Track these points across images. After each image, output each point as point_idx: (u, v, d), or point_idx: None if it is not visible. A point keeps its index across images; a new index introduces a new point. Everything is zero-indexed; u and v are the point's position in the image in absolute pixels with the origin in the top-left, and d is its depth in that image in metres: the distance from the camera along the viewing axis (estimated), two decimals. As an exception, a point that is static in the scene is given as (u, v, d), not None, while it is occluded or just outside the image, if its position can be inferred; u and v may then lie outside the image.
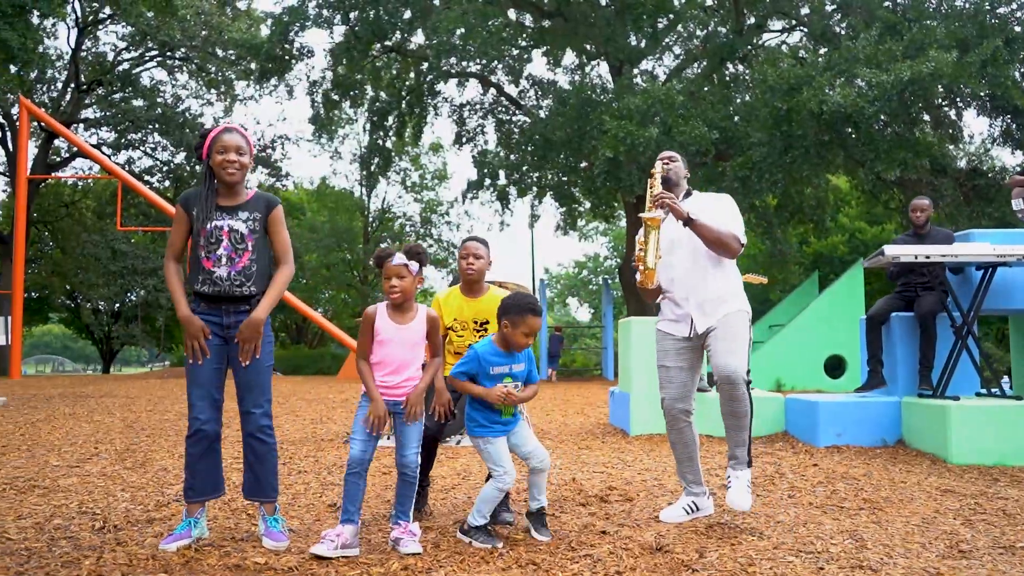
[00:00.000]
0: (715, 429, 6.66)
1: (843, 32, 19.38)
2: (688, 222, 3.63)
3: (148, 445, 6.16)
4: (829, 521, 3.65)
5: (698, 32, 22.37)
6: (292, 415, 8.84)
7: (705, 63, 21.59)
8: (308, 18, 21.80)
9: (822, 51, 18.93)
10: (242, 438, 3.26)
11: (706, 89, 20.81)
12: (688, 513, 3.77)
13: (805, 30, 20.83)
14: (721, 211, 3.73)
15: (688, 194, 3.89)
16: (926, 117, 18.69)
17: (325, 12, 21.95)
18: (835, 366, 14.94)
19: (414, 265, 3.27)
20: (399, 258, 3.24)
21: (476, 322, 3.79)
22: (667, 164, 3.86)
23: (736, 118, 18.26)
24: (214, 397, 3.18)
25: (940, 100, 17.52)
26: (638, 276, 3.68)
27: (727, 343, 3.57)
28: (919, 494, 4.28)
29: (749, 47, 21.02)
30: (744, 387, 3.52)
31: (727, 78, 21.93)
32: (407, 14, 22.02)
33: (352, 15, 22.00)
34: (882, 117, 16.33)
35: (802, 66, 17.01)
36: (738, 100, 20.01)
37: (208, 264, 3.16)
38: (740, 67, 22.09)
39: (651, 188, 3.76)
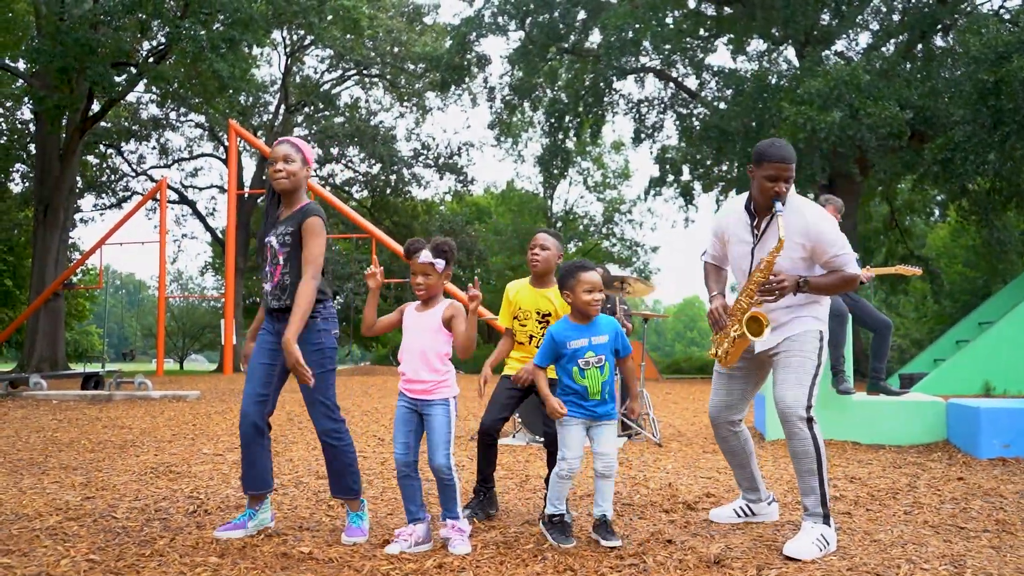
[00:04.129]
0: (857, 435, 6.11)
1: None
2: (801, 289, 3.22)
3: (292, 437, 6.60)
4: (937, 543, 3.20)
5: (896, 5, 20.55)
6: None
7: (904, 37, 19.79)
8: (485, 26, 22.44)
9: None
10: None
11: (908, 67, 19.05)
12: (739, 516, 3.55)
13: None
14: (824, 240, 3.24)
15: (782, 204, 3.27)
16: None
17: (500, 19, 22.50)
18: (1059, 368, 13.11)
19: (439, 263, 3.24)
20: (425, 256, 3.22)
21: (539, 312, 3.76)
22: (779, 206, 3.19)
23: (947, 96, 16.52)
24: (259, 392, 3.30)
25: None
26: (714, 351, 3.47)
27: (786, 372, 3.24)
28: (1075, 518, 3.65)
29: (955, 16, 19.00)
30: (803, 424, 3.16)
31: (935, 51, 19.91)
32: (581, 14, 22.06)
33: (527, 20, 22.38)
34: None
35: (1012, 30, 15.11)
36: (944, 75, 18.14)
37: (265, 284, 3.36)
38: (948, 39, 20.01)
39: (756, 272, 3.28)
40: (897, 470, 4.96)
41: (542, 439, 6.12)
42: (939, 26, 18.90)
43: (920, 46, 19.76)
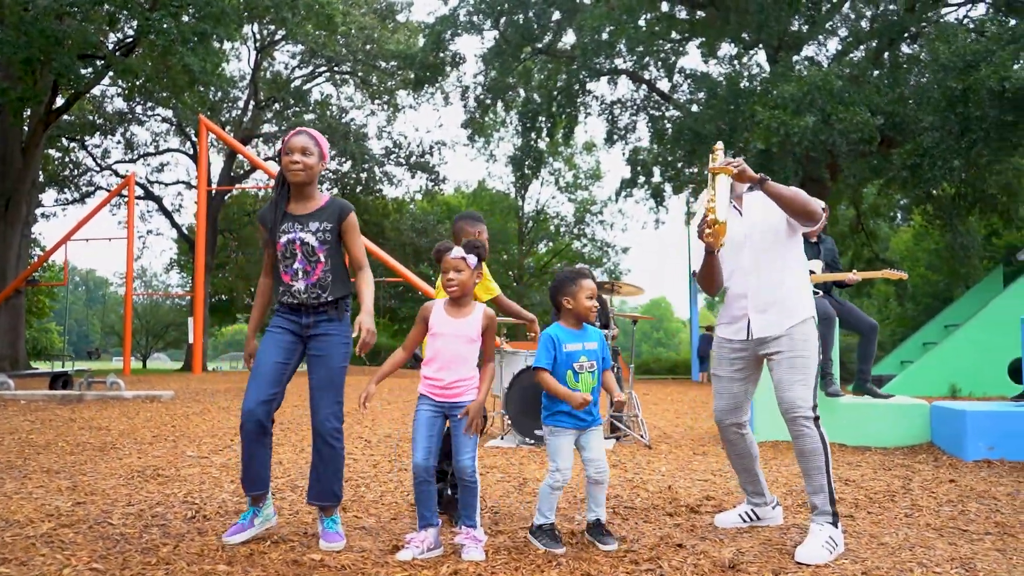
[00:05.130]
0: (844, 437, 6.18)
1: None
2: (762, 184, 3.26)
3: (278, 439, 6.49)
4: (943, 546, 3.24)
5: (865, 12, 20.91)
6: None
7: (874, 44, 20.13)
8: (459, 25, 22.36)
9: (1011, 24, 17.08)
10: (312, 439, 3.32)
11: (875, 73, 19.39)
12: (744, 521, 3.59)
13: (989, 0, 18.92)
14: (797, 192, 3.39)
15: (751, 189, 3.55)
16: None
17: (475, 19, 22.44)
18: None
19: (472, 259, 3.22)
20: (457, 251, 3.22)
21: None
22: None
23: (911, 102, 16.85)
24: (267, 391, 3.21)
25: None
26: (705, 235, 3.24)
27: (791, 373, 3.27)
28: (1069, 520, 3.72)
29: (923, 24, 19.37)
30: (809, 423, 3.20)
31: (900, 58, 20.28)
32: (556, 15, 22.09)
33: (502, 20, 22.36)
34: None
35: (980, 40, 15.44)
36: (911, 82, 18.50)
37: (287, 278, 3.25)
38: (916, 46, 20.39)
39: (712, 159, 3.35)
40: (888, 472, 5.03)
41: (532, 441, 6.12)
42: (907, 34, 19.24)
43: (887, 53, 20.12)
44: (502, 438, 6.43)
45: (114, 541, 3.23)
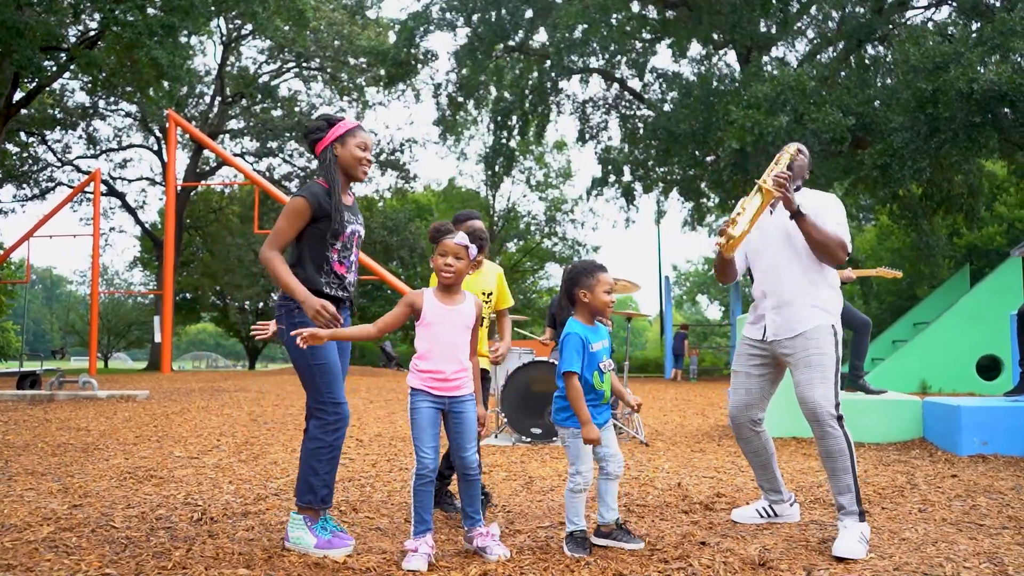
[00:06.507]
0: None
1: (998, 3, 17.83)
2: (796, 215, 3.26)
3: (266, 439, 6.36)
4: (964, 540, 3.25)
5: (833, 14, 21.21)
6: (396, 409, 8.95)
7: (841, 46, 20.42)
8: (432, 22, 22.22)
9: (974, 27, 17.44)
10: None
11: (843, 74, 19.68)
12: (762, 516, 3.59)
13: (954, 3, 19.30)
14: (828, 214, 3.36)
15: (797, 189, 3.52)
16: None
17: (448, 15, 22.32)
18: (990, 367, 13.72)
19: (473, 248, 3.07)
20: (460, 237, 3.04)
21: (484, 293, 3.89)
22: (798, 154, 3.46)
23: (876, 103, 17.13)
24: (343, 391, 3.15)
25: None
26: (719, 242, 3.30)
27: (809, 372, 3.24)
28: (1077, 513, 3.76)
29: (890, 26, 19.70)
30: (834, 422, 3.18)
31: (866, 60, 20.60)
32: (528, 13, 22.06)
33: (475, 17, 22.26)
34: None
35: (949, 43, 15.74)
36: (878, 84, 18.79)
37: (341, 269, 3.13)
38: (880, 48, 20.73)
39: (776, 163, 3.35)
40: (888, 468, 5.06)
41: (529, 439, 6.05)
42: (874, 36, 19.54)
43: (853, 56, 20.41)
44: (496, 436, 6.37)
45: (121, 545, 3.10)
